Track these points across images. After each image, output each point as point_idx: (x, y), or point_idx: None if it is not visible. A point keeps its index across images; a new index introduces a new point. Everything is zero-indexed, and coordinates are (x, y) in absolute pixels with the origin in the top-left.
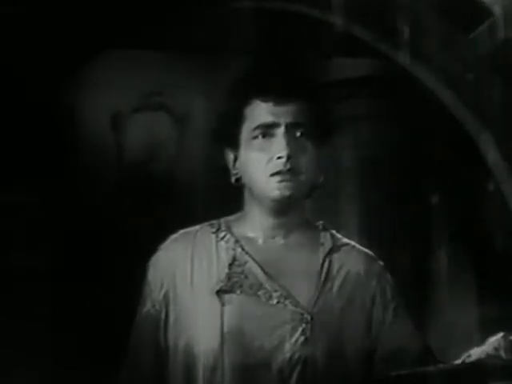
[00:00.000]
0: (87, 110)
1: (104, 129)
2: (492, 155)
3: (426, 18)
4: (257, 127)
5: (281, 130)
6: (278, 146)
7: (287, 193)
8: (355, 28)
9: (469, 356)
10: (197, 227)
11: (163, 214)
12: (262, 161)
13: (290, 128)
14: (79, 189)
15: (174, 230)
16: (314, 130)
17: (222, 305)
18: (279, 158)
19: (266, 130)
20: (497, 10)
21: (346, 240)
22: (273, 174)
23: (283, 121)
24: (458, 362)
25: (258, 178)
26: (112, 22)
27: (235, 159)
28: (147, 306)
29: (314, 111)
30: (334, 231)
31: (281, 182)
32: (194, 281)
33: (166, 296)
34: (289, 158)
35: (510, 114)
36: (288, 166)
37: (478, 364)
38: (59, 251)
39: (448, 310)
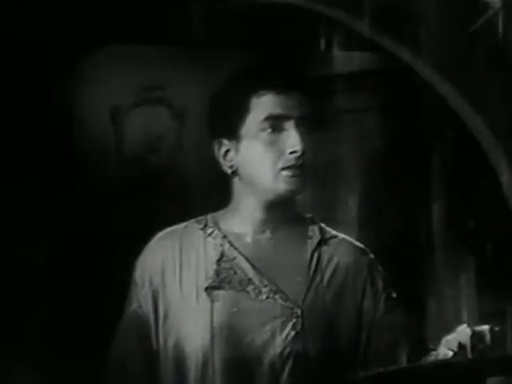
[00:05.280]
0: (87, 105)
1: (104, 123)
2: (492, 148)
3: (425, 12)
4: (265, 119)
5: (291, 124)
6: (292, 140)
7: (294, 188)
8: (356, 22)
9: (447, 341)
10: (184, 224)
11: (163, 207)
12: (271, 154)
13: (298, 122)
14: (79, 183)
15: (172, 224)
16: (313, 123)
17: (212, 301)
18: (292, 152)
19: (275, 123)
20: (496, 3)
21: (334, 232)
22: (284, 169)
23: (293, 114)
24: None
25: (264, 171)
26: (112, 17)
27: (227, 151)
28: (133, 306)
29: (313, 105)
30: (322, 224)
31: (291, 176)
32: (182, 278)
33: (154, 295)
34: (303, 153)
35: (510, 109)
36: (300, 162)
37: (474, 359)
38: (58, 247)
39: (447, 304)
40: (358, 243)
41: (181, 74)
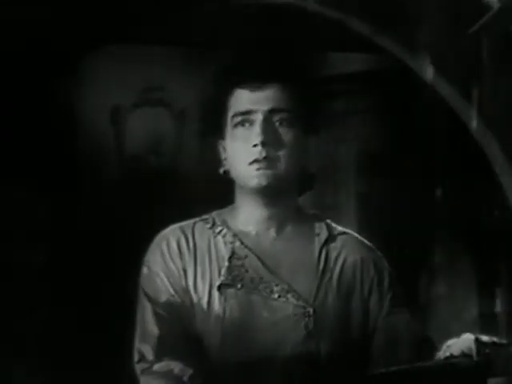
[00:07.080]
0: (87, 105)
1: (104, 123)
2: (492, 149)
3: (425, 12)
4: (234, 115)
5: (259, 117)
6: (254, 133)
7: (264, 182)
8: (354, 22)
9: (448, 347)
10: (191, 221)
11: (163, 207)
12: (242, 150)
13: (268, 115)
14: (79, 183)
15: (173, 224)
16: (298, 117)
17: (224, 300)
18: (255, 145)
19: (245, 118)
20: (495, 3)
21: (341, 228)
22: (251, 163)
23: (260, 108)
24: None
25: (239, 167)
26: (112, 17)
27: (225, 151)
28: (163, 298)
29: (296, 98)
30: (328, 220)
31: (258, 170)
32: (197, 275)
33: (183, 285)
34: (263, 145)
35: (509, 108)
36: (264, 154)
37: (474, 360)
38: (58, 247)
39: (447, 304)
40: (364, 240)
41: (181, 75)
